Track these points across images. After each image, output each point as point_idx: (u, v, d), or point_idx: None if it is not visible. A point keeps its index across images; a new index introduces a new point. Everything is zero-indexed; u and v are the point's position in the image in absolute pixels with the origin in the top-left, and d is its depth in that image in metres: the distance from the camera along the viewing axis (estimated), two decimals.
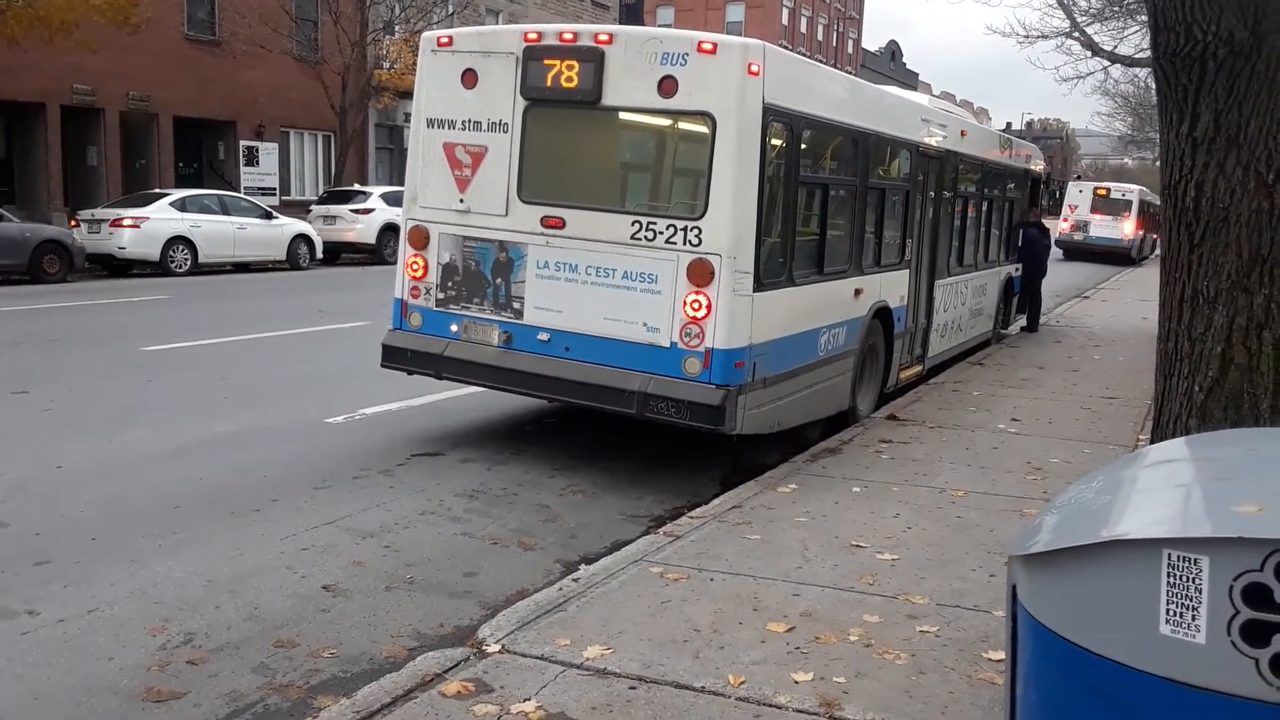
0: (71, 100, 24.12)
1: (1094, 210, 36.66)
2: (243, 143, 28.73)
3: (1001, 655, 3.32)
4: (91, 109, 24.67)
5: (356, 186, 27.73)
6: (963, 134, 11.55)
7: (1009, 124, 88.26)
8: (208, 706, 3.99)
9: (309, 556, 5.54)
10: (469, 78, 7.41)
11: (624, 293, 6.95)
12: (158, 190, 22.16)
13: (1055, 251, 32.03)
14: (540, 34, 7.18)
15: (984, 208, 13.04)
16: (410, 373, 7.88)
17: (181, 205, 20.51)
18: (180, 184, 25.76)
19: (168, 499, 6.36)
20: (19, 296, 15.91)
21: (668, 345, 6.82)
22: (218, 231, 20.80)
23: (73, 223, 20.40)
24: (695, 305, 6.72)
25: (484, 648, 4.28)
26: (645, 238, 6.86)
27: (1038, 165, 16.14)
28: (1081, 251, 36.13)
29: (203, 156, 28.82)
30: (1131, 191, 37.67)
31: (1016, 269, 15.19)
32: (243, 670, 4.28)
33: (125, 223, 19.44)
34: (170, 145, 26.83)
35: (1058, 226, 36.54)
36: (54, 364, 10.45)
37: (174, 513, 6.13)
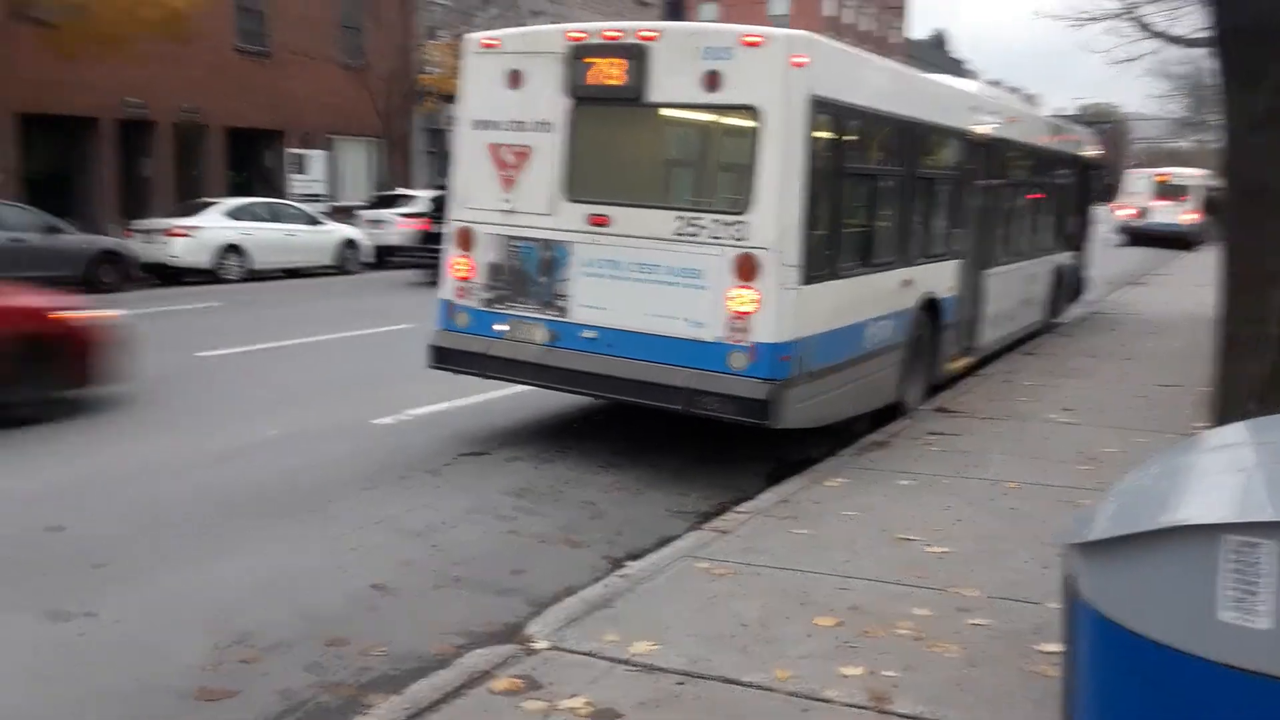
0: (124, 114, 24.56)
1: (1155, 196, 36.28)
2: (291, 150, 29.11)
3: (1054, 647, 3.25)
4: (144, 121, 25.12)
5: (403, 191, 27.97)
6: (1012, 121, 11.38)
7: (1060, 109, 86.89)
8: (260, 705, 4.03)
9: (358, 556, 5.59)
10: (513, 78, 7.43)
11: (669, 289, 6.92)
12: (209, 199, 22.52)
13: (1111, 238, 31.69)
14: (584, 33, 7.18)
15: (1035, 195, 12.83)
16: (457, 373, 7.91)
17: (233, 214, 20.85)
18: (231, 193, 26.15)
19: (220, 501, 6.45)
20: None
21: (713, 340, 6.78)
22: (268, 239, 21.09)
23: (127, 233, 20.79)
24: (741, 300, 6.67)
25: (532, 645, 4.28)
26: (690, 233, 6.83)
27: (1090, 151, 15.86)
28: (1144, 237, 35.82)
29: (252, 165, 29.25)
30: (1191, 177, 37.17)
31: (1071, 256, 14.90)
32: (294, 669, 4.32)
33: (178, 232, 19.79)
34: (221, 155, 27.24)
35: (1117, 213, 36.15)
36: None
37: (226, 515, 6.22)
